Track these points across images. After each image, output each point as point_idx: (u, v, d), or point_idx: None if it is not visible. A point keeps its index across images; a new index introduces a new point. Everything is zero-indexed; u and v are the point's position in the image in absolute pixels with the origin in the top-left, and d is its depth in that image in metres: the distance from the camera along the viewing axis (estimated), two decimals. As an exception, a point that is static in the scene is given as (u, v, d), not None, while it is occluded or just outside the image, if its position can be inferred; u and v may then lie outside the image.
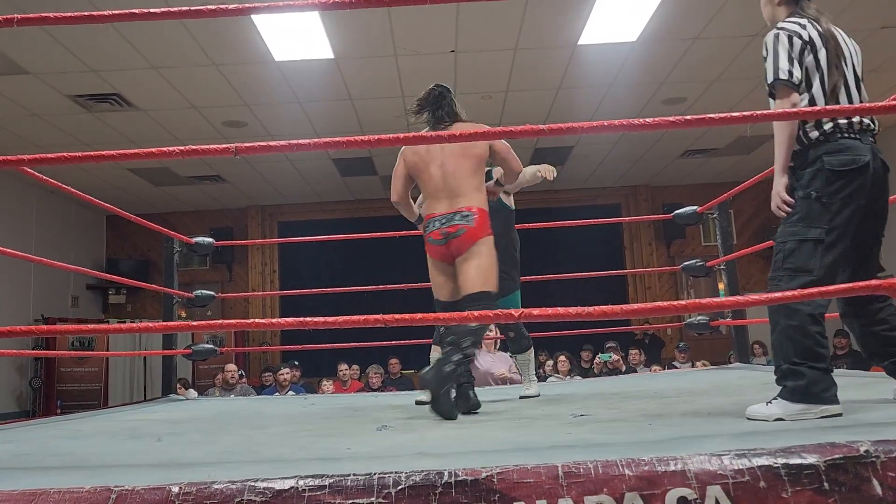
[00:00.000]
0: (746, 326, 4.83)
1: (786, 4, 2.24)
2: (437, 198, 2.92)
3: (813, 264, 1.99)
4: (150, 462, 1.81)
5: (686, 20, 5.61)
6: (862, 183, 2.02)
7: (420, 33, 5.63)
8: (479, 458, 1.56)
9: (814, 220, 2.02)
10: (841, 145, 2.04)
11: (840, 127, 2.04)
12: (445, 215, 2.87)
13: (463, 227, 2.83)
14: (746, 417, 2.02)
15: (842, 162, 2.02)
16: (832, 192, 2.01)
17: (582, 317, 1.57)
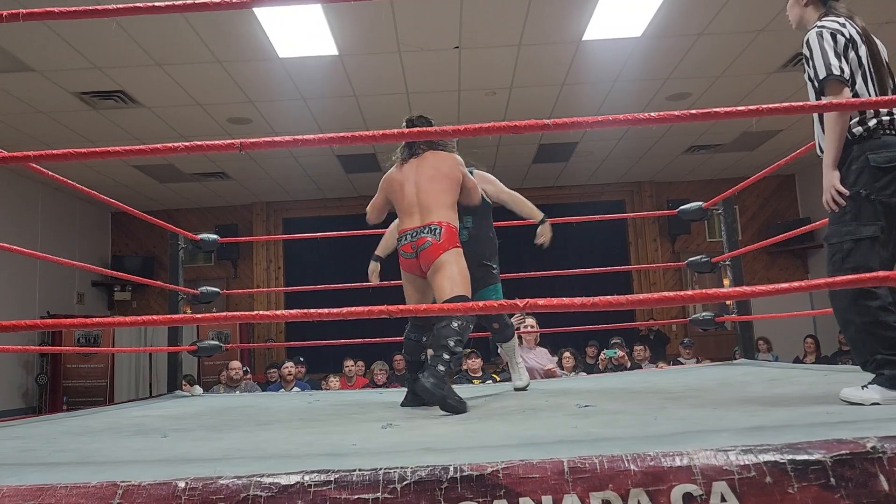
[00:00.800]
0: (752, 322, 4.82)
1: (814, 5, 2.27)
2: (409, 213, 3.07)
3: (873, 261, 2.02)
4: (156, 458, 1.81)
5: (691, 16, 5.59)
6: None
7: (424, 29, 5.62)
8: (484, 453, 1.56)
9: (867, 218, 2.05)
10: (884, 142, 2.06)
11: (883, 124, 2.07)
12: (415, 229, 3.01)
13: (429, 240, 2.96)
14: (841, 400, 2.06)
15: (887, 159, 2.04)
16: (880, 189, 2.04)
17: (587, 307, 1.57)
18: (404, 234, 3.05)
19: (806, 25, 2.28)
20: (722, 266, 4.87)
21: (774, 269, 10.77)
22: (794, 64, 6.57)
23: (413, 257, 3.00)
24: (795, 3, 2.33)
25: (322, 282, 6.54)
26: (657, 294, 1.54)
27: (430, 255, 2.94)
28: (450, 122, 7.84)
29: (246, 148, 1.63)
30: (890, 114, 2.08)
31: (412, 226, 3.03)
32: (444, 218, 3.00)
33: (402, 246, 3.06)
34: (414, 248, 2.99)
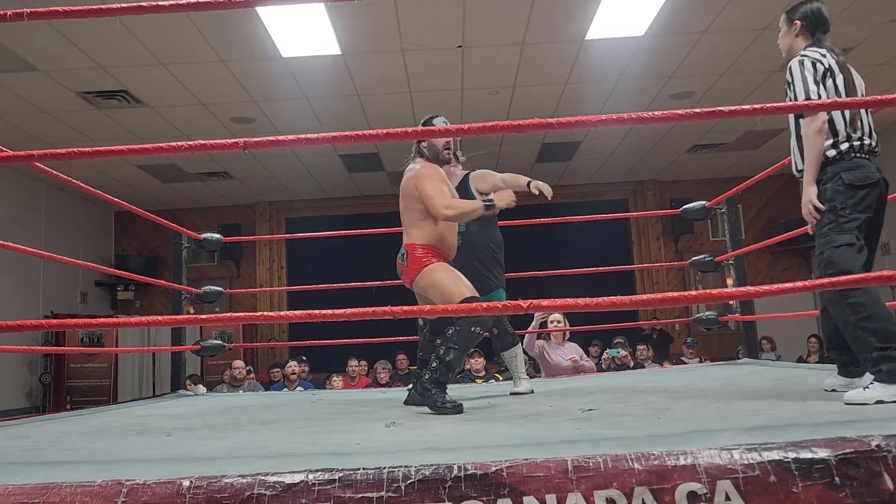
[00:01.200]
0: (755, 322, 4.81)
1: (803, 36, 2.50)
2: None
3: (852, 265, 2.22)
4: (161, 457, 1.82)
5: (693, 14, 5.59)
6: (874, 196, 2.31)
7: (427, 28, 5.62)
8: (488, 452, 1.56)
9: (842, 228, 2.27)
10: (856, 163, 2.31)
11: (854, 147, 2.32)
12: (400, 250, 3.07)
13: (399, 266, 3.04)
14: (845, 403, 2.11)
15: (859, 177, 2.29)
16: (853, 204, 2.27)
17: (590, 307, 1.57)
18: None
19: (793, 55, 2.49)
20: (725, 265, 4.86)
21: (778, 268, 10.75)
22: (798, 62, 6.55)
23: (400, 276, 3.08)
24: (787, 33, 2.56)
25: (325, 281, 6.54)
26: (660, 294, 1.54)
27: (406, 279, 3.02)
28: (453, 121, 7.84)
29: (250, 147, 1.63)
30: (860, 139, 2.33)
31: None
32: (410, 239, 3.02)
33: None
34: (398, 270, 3.07)
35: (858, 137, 2.33)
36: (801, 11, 2.54)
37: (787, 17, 2.58)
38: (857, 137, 2.33)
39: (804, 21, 2.51)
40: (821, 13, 2.52)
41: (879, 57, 6.52)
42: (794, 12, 2.56)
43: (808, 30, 2.51)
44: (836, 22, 5.82)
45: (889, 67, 6.74)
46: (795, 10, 2.56)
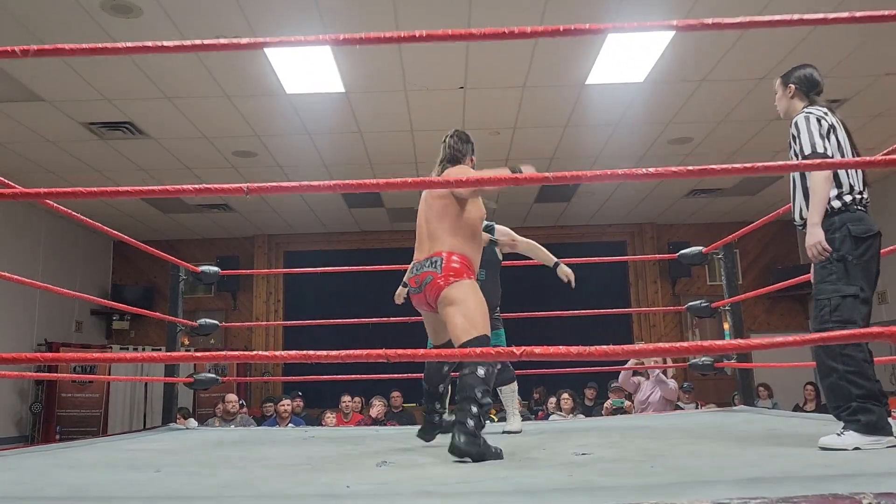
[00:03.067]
0: (752, 369, 4.80)
1: (799, 98, 2.69)
2: (420, 243, 2.92)
3: (856, 316, 2.34)
4: (149, 494, 1.80)
5: (693, 62, 5.68)
6: (876, 247, 2.44)
7: (430, 69, 5.70)
8: (478, 499, 1.55)
9: (851, 279, 2.38)
10: (858, 216, 2.45)
11: (856, 200, 2.46)
12: (419, 262, 2.84)
13: (430, 274, 2.74)
14: (820, 448, 2.26)
15: (863, 230, 2.42)
16: (859, 255, 2.40)
17: (583, 356, 1.57)
18: (411, 267, 2.90)
19: (792, 115, 2.66)
20: (722, 311, 4.87)
21: (775, 313, 10.74)
22: (795, 112, 6.64)
23: (418, 292, 2.81)
24: (783, 96, 2.74)
25: (322, 315, 6.54)
26: (652, 345, 1.55)
27: (433, 289, 2.72)
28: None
29: (253, 192, 1.65)
30: (861, 192, 2.48)
31: (418, 258, 2.86)
32: (446, 247, 2.77)
33: (409, 279, 2.88)
34: (418, 282, 2.80)
35: (859, 191, 2.47)
36: (795, 76, 2.74)
37: (782, 81, 2.76)
38: (858, 191, 2.47)
39: (798, 84, 2.71)
40: (813, 77, 2.72)
41: (874, 109, 6.61)
42: (788, 77, 2.75)
43: (803, 92, 2.70)
44: (832, 74, 5.96)
45: (883, 119, 6.83)
46: (790, 75, 2.75)
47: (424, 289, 2.77)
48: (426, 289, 2.76)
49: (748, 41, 5.30)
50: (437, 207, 2.85)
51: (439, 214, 2.84)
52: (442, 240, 2.80)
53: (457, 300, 2.68)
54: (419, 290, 2.80)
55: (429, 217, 2.88)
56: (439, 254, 2.76)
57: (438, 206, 2.85)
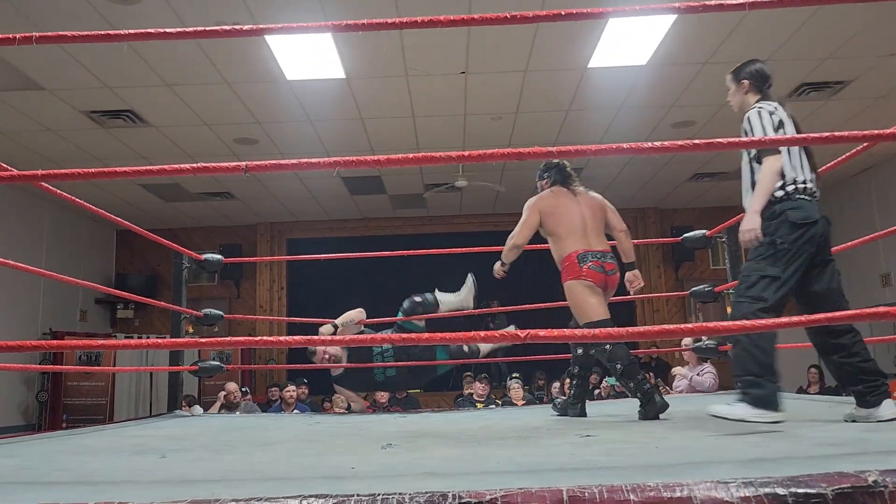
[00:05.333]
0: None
1: (752, 93, 2.76)
2: (584, 234, 3.46)
3: (767, 295, 2.48)
4: (155, 478, 1.81)
5: (696, 45, 5.65)
6: (813, 234, 2.52)
7: (431, 54, 5.68)
8: (483, 479, 1.56)
9: (776, 262, 2.50)
10: (799, 203, 2.54)
11: (798, 189, 2.56)
12: (601, 252, 3.42)
13: (617, 267, 3.46)
14: (709, 415, 2.40)
15: (801, 217, 2.51)
16: (792, 240, 2.49)
17: (587, 339, 1.57)
18: (588, 255, 3.37)
19: (745, 109, 2.74)
20: (725, 294, 4.86)
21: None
22: (799, 94, 6.61)
23: (601, 273, 3.36)
24: (737, 91, 2.82)
25: (324, 302, 6.54)
26: (657, 327, 1.54)
27: (615, 281, 3.45)
28: (455, 146, 7.91)
29: (251, 170, 1.64)
30: (804, 182, 2.57)
31: (592, 248, 3.40)
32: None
33: (591, 262, 3.35)
34: (603, 268, 3.37)
35: (802, 181, 2.57)
36: (746, 71, 2.81)
37: (734, 77, 2.85)
38: (801, 181, 2.56)
39: (751, 79, 2.79)
40: (764, 72, 2.79)
41: (878, 90, 6.57)
42: (739, 73, 2.83)
43: (756, 86, 2.77)
44: (836, 55, 5.92)
45: (887, 100, 6.80)
46: (741, 71, 2.83)
47: (614, 277, 3.44)
48: (614, 277, 3.45)
49: (751, 23, 5.27)
50: (598, 217, 3.56)
51: (600, 222, 3.55)
52: (604, 241, 3.53)
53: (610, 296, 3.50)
54: (603, 272, 3.38)
55: (588, 218, 3.50)
56: (612, 252, 3.49)
57: (600, 216, 3.57)
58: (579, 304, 3.35)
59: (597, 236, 3.47)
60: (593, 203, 3.56)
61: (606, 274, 3.37)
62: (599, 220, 3.54)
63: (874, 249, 8.87)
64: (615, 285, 3.45)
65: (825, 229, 2.59)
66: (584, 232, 3.44)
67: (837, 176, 9.20)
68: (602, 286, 3.37)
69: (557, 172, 3.71)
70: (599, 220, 3.54)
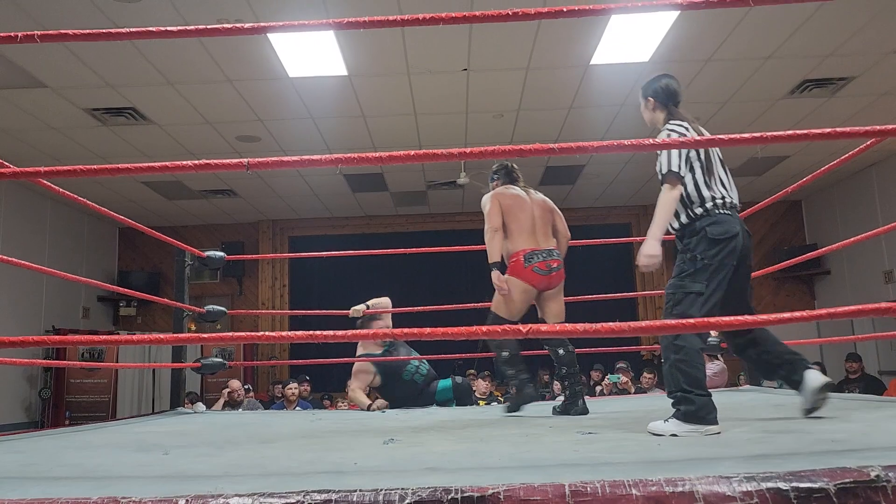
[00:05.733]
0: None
1: (660, 109, 2.78)
2: (532, 233, 3.57)
3: (693, 312, 2.47)
4: (158, 474, 1.81)
5: (698, 42, 5.63)
6: (733, 248, 2.56)
7: (433, 52, 5.67)
8: (486, 474, 1.56)
9: (697, 277, 2.53)
10: (718, 219, 2.58)
11: (717, 204, 2.60)
12: (546, 250, 3.53)
13: (560, 264, 3.58)
14: (648, 431, 2.36)
15: (720, 232, 2.56)
16: (712, 255, 2.54)
17: (589, 334, 1.57)
18: (536, 253, 3.49)
19: (657, 125, 2.78)
20: (727, 291, 4.84)
21: (781, 294, 10.73)
22: (802, 91, 6.60)
23: (546, 274, 3.49)
24: (646, 108, 2.84)
25: (327, 300, 6.55)
26: (659, 322, 1.54)
27: (560, 277, 3.57)
28: (457, 143, 7.90)
29: (253, 167, 1.64)
30: (722, 197, 2.61)
31: (541, 247, 3.52)
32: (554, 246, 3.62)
33: (537, 263, 3.48)
34: (549, 267, 3.49)
35: (721, 197, 2.62)
36: (651, 89, 2.80)
37: (642, 93, 2.84)
38: (719, 196, 2.61)
39: (655, 97, 2.78)
40: (670, 87, 2.78)
41: (882, 86, 6.56)
42: (647, 90, 2.81)
43: (662, 103, 2.77)
44: (839, 52, 5.91)
45: (891, 97, 6.78)
46: (648, 87, 2.81)
47: (554, 274, 3.52)
48: (556, 274, 3.54)
49: (753, 20, 5.25)
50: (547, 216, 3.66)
51: (548, 222, 3.65)
52: (551, 239, 3.62)
53: (561, 291, 3.63)
54: (548, 272, 3.49)
55: (538, 217, 3.61)
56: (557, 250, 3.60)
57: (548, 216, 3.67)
58: (506, 298, 3.50)
59: (544, 235, 3.60)
60: (543, 205, 3.69)
61: (551, 272, 3.51)
62: (548, 220, 3.67)
63: (877, 246, 8.86)
64: (560, 280, 3.59)
65: (746, 242, 2.64)
66: (533, 231, 3.57)
67: (840, 173, 9.19)
68: (544, 287, 3.53)
69: (506, 174, 3.82)
70: (547, 221, 3.66)
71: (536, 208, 3.64)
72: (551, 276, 3.52)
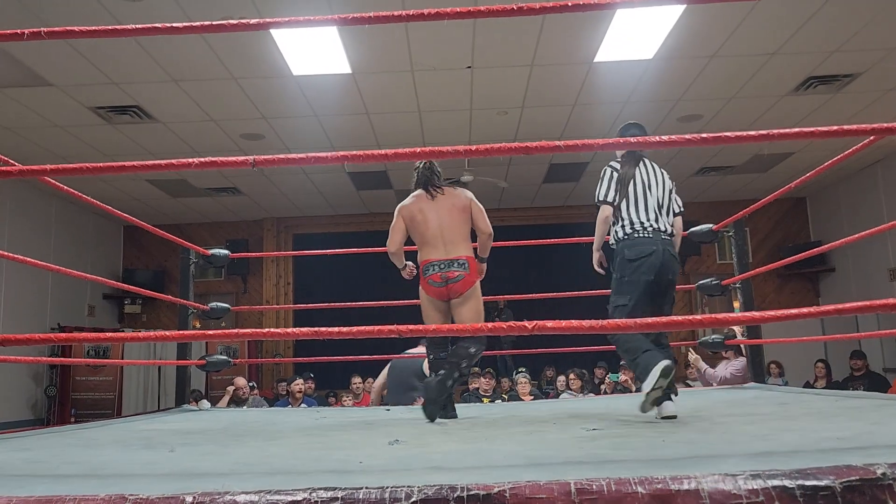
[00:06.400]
0: (762, 346, 4.79)
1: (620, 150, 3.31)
2: (434, 245, 3.45)
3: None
4: (164, 472, 1.82)
5: (703, 38, 5.62)
6: (650, 265, 3.06)
7: (437, 49, 5.67)
8: (491, 472, 1.56)
9: (621, 292, 3.10)
10: (634, 242, 3.11)
11: (636, 229, 3.13)
12: (444, 261, 3.40)
13: (460, 274, 3.38)
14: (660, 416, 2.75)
15: (634, 253, 3.09)
16: (630, 273, 3.08)
17: (595, 330, 1.57)
18: (432, 265, 3.40)
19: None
20: (732, 289, 4.85)
21: (786, 292, 10.71)
22: (806, 88, 6.58)
23: (442, 286, 3.39)
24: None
25: (331, 298, 6.55)
26: (664, 318, 1.54)
27: (463, 286, 3.39)
28: (461, 140, 7.90)
29: (259, 164, 1.64)
30: (643, 223, 3.13)
31: (438, 257, 3.40)
32: (467, 252, 3.44)
33: (431, 276, 3.40)
34: (444, 278, 3.38)
35: (641, 223, 3.13)
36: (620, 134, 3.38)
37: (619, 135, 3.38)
38: (639, 222, 3.13)
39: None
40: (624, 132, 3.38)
41: (887, 83, 6.53)
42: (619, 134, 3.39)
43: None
44: (844, 48, 5.90)
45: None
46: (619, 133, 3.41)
47: (452, 285, 3.39)
48: (455, 285, 3.39)
49: (758, 16, 5.24)
50: (457, 219, 3.46)
51: (459, 224, 3.46)
52: (465, 245, 3.46)
53: (473, 297, 3.45)
54: (444, 284, 3.39)
55: (445, 224, 3.44)
56: (468, 258, 3.43)
57: (459, 218, 3.47)
58: (422, 310, 3.52)
59: (452, 243, 3.43)
60: (456, 204, 3.48)
61: (447, 283, 3.39)
62: (460, 222, 3.47)
63: (882, 243, 8.84)
64: (466, 288, 3.40)
65: (663, 258, 3.09)
66: (436, 240, 3.44)
67: (846, 169, 9.17)
68: (444, 297, 3.44)
69: (421, 174, 3.62)
70: (460, 223, 3.47)
71: (445, 214, 3.45)
72: (449, 288, 3.39)
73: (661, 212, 3.21)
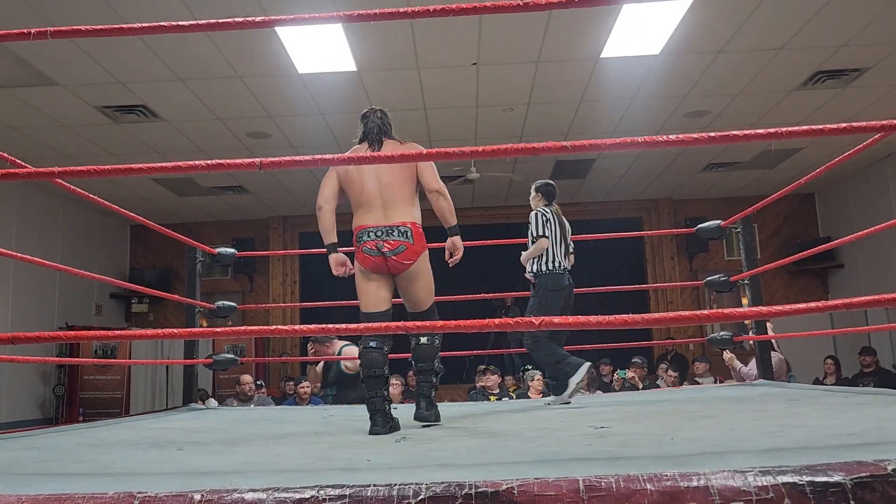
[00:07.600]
0: (770, 342, 4.77)
1: (541, 200, 4.21)
2: (370, 209, 2.89)
3: (539, 334, 3.94)
4: (172, 470, 1.82)
5: (709, 34, 5.59)
6: (562, 294, 4.03)
7: (443, 46, 5.66)
8: (499, 469, 1.56)
9: (543, 311, 3.91)
10: (555, 277, 4.02)
11: (556, 267, 4.03)
12: (381, 228, 2.84)
13: (402, 245, 2.82)
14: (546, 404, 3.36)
15: (554, 285, 4.01)
16: (550, 299, 3.99)
17: (602, 325, 1.56)
18: (366, 231, 2.85)
19: (535, 209, 4.17)
20: (740, 285, 4.83)
21: (794, 288, 10.66)
22: (814, 83, 6.54)
23: (377, 255, 2.83)
24: (534, 198, 4.24)
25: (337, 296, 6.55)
26: (672, 313, 1.53)
27: (405, 259, 2.83)
28: (467, 137, 7.89)
29: (265, 167, 1.64)
30: (559, 263, 4.04)
31: (374, 223, 2.85)
32: (410, 218, 2.87)
33: (366, 243, 2.84)
34: (378, 247, 2.81)
35: (558, 262, 4.04)
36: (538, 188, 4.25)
37: (534, 189, 4.25)
38: (558, 262, 4.04)
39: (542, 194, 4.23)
40: (549, 191, 4.23)
41: (895, 78, 6.49)
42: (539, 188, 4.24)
43: (544, 196, 4.21)
44: (851, 43, 5.86)
45: (903, 90, 6.72)
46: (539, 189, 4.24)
47: (397, 257, 2.82)
48: (396, 256, 2.82)
49: (765, 11, 5.21)
50: (401, 175, 2.89)
51: (399, 182, 2.89)
52: (407, 209, 2.88)
53: (422, 273, 2.92)
54: (378, 253, 2.82)
55: (385, 181, 2.88)
56: (412, 224, 2.86)
57: (402, 175, 2.89)
58: (357, 288, 2.95)
59: (394, 205, 2.87)
60: (395, 166, 2.89)
61: (384, 255, 2.82)
62: (405, 180, 2.90)
63: (892, 239, 8.79)
64: (409, 262, 2.85)
65: (569, 290, 4.07)
66: (372, 202, 2.88)
67: (854, 165, 9.12)
68: (380, 270, 2.86)
69: (370, 121, 3.02)
70: (405, 182, 2.90)
71: (385, 170, 2.87)
72: (388, 260, 2.82)
73: (568, 251, 4.16)
